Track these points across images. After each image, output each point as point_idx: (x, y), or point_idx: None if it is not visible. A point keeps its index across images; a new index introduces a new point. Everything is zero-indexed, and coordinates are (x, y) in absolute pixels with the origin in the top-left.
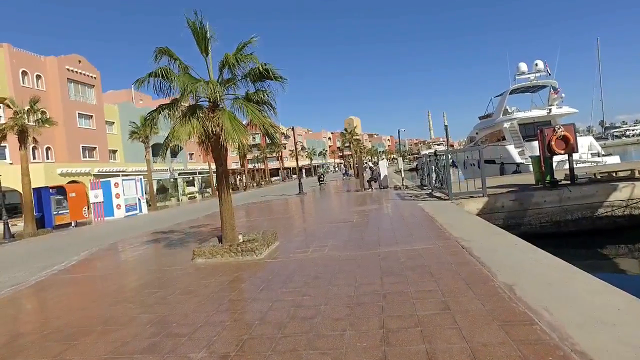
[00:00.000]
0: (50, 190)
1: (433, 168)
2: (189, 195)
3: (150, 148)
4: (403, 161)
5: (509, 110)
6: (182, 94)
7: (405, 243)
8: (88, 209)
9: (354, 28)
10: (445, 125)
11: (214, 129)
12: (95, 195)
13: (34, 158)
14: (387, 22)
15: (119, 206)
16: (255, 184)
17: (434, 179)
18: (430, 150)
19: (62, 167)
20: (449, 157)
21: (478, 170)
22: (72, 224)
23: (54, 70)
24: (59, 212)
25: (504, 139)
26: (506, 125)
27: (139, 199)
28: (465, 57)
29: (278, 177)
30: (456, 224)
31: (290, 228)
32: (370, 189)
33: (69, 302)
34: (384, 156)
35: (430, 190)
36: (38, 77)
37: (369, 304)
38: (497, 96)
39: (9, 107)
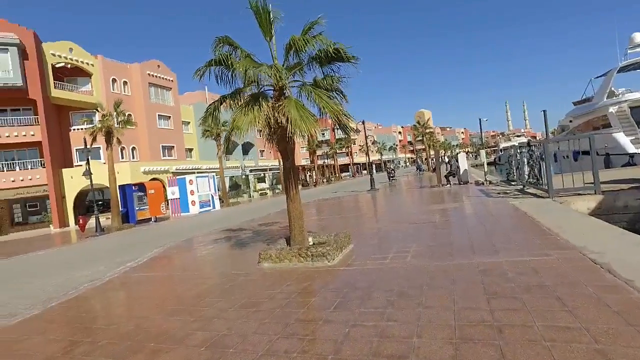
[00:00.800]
0: (133, 187)
1: (525, 161)
2: (260, 192)
3: (223, 146)
4: (484, 155)
5: (616, 92)
6: (244, 81)
7: (508, 251)
8: (166, 205)
9: (425, 17)
10: (543, 111)
11: (279, 119)
12: (172, 192)
13: (122, 158)
14: (459, 10)
15: (193, 202)
16: (325, 180)
17: (527, 173)
18: (510, 143)
19: (145, 165)
20: (540, 148)
21: (573, 163)
22: (152, 220)
23: (137, 76)
24: (140, 208)
25: (607, 125)
26: (612, 109)
27: (212, 196)
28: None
29: (348, 173)
30: (569, 227)
31: (365, 228)
32: (448, 185)
33: (129, 306)
34: (458, 149)
35: (522, 186)
36: (125, 83)
37: (480, 343)
38: (598, 77)
39: (97, 111)
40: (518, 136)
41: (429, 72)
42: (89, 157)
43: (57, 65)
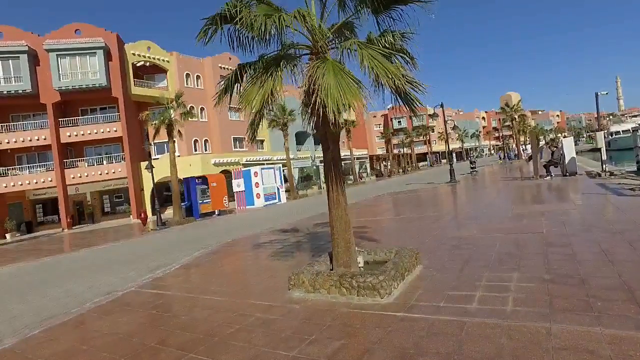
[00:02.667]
0: (196, 180)
1: None
2: None
3: (294, 136)
4: (602, 138)
5: None
6: (262, 38)
7: None
8: (228, 198)
9: None
10: None
11: (309, 88)
12: (238, 185)
13: (195, 150)
14: None
15: (258, 195)
16: (401, 170)
17: None
18: (623, 126)
19: (216, 157)
20: None
21: None
22: (216, 213)
23: (209, 69)
24: (203, 201)
25: None
26: None
27: (278, 188)
28: None
29: (426, 162)
30: None
31: (439, 238)
32: (548, 177)
33: (108, 342)
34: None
35: None
36: (198, 77)
37: None
38: None
39: (158, 104)
40: (634, 116)
41: (516, 48)
42: (150, 151)
43: (138, 64)
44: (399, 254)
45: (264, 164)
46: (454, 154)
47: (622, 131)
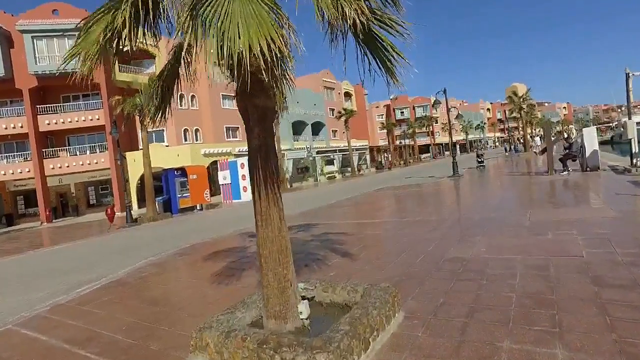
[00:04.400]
0: (175, 172)
1: None
2: (327, 175)
3: (291, 126)
4: (634, 127)
5: None
6: None
7: None
8: (213, 191)
9: None
10: None
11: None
12: (224, 177)
13: (185, 140)
14: None
15: (245, 188)
16: (402, 162)
17: None
18: (636, 118)
19: (206, 147)
20: None
21: None
22: (198, 208)
23: (200, 56)
24: (183, 195)
25: None
26: None
27: None
28: None
29: (428, 154)
30: None
31: (434, 257)
32: (565, 172)
33: None
34: (560, 126)
35: None
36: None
37: None
38: None
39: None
40: (634, 108)
41: (523, 38)
42: (117, 140)
43: (123, 49)
44: (368, 295)
45: None
46: (457, 146)
47: (636, 123)
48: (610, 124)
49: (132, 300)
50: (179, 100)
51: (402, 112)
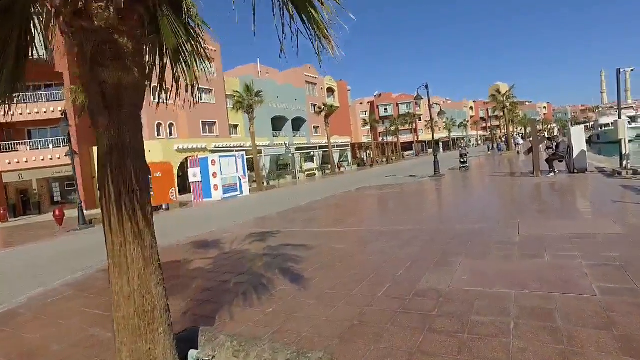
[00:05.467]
0: None
1: None
2: (307, 173)
3: (270, 121)
4: (625, 126)
5: None
6: None
7: None
8: (176, 190)
9: None
10: None
11: None
12: (194, 174)
13: (158, 135)
14: None
15: (216, 187)
16: (384, 160)
17: None
18: (613, 118)
19: (179, 142)
20: None
21: None
22: (163, 207)
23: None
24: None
25: None
26: None
27: (240, 179)
28: None
29: (411, 152)
30: None
31: (402, 291)
32: (552, 174)
33: None
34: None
35: None
36: None
37: None
38: None
39: None
40: (627, 108)
41: (507, 42)
42: (68, 134)
43: None
44: None
45: (234, 150)
46: (440, 144)
47: (611, 123)
48: (587, 124)
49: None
50: (151, 93)
51: (385, 109)
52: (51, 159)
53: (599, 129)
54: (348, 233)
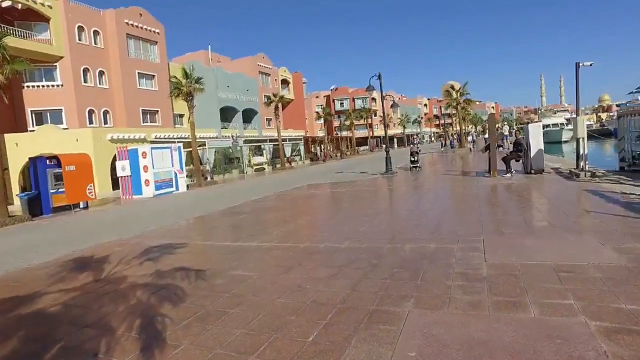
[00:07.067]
0: (48, 161)
1: None
2: (255, 167)
3: (219, 112)
4: (583, 124)
5: None
6: None
7: None
8: (94, 186)
9: None
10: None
11: None
12: (122, 167)
13: (91, 122)
14: None
15: (147, 182)
16: (338, 155)
17: None
18: (554, 119)
19: (114, 132)
20: None
21: None
22: (81, 206)
23: (112, 26)
24: (58, 190)
25: None
26: None
27: (176, 173)
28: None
29: (366, 147)
30: None
31: None
32: (509, 174)
33: None
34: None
35: None
36: (96, 32)
37: None
38: None
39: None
40: (556, 112)
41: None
42: None
43: (2, 5)
44: None
45: (175, 142)
46: (395, 140)
47: (552, 124)
48: (523, 126)
49: None
50: (82, 75)
51: (341, 103)
52: None
53: (542, 129)
54: (269, 250)
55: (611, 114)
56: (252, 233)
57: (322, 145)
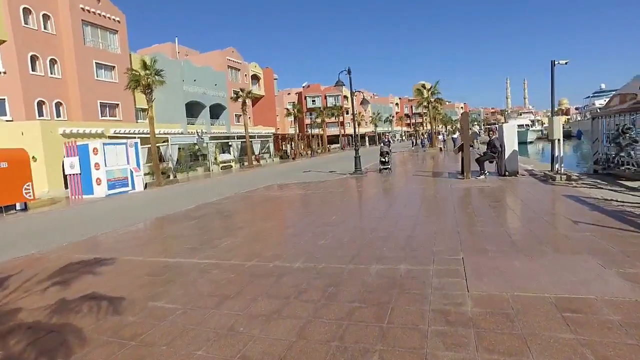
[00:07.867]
0: None
1: None
2: (222, 165)
3: (184, 107)
4: (559, 124)
5: None
6: None
7: None
8: (32, 185)
9: None
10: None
11: None
12: (71, 165)
13: (41, 115)
14: None
15: (99, 181)
16: (309, 152)
17: None
18: (520, 121)
19: (67, 126)
20: None
21: None
22: (17, 207)
23: (66, 10)
24: None
25: None
26: None
27: (132, 171)
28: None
29: (338, 145)
30: None
31: None
32: (482, 176)
33: None
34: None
35: None
36: (46, 17)
37: None
38: None
39: None
40: (521, 114)
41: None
42: None
43: None
44: None
45: (135, 137)
46: (366, 138)
47: (518, 125)
48: (496, 125)
49: None
50: (29, 63)
51: (313, 101)
52: None
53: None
54: (206, 271)
55: (569, 117)
56: (195, 245)
57: (292, 143)
